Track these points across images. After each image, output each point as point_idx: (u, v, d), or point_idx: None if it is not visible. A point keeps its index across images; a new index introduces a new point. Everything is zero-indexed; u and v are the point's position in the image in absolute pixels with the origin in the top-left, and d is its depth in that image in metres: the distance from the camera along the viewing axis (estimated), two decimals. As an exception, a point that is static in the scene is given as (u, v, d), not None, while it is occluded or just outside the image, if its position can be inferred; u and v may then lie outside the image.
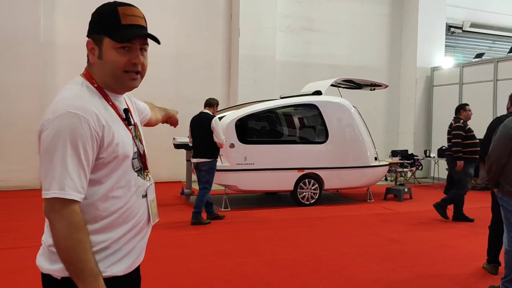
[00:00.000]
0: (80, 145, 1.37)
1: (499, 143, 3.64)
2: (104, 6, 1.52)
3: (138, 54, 1.51)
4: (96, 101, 1.48)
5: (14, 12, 9.11)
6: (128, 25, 1.48)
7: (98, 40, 1.51)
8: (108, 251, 1.49)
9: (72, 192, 1.36)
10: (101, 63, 1.52)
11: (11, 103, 9.18)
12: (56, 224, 1.36)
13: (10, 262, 4.69)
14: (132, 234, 1.56)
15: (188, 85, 10.92)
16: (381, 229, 6.50)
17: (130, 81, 1.54)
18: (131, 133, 1.59)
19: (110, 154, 1.46)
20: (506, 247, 3.75)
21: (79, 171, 1.37)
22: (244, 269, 4.64)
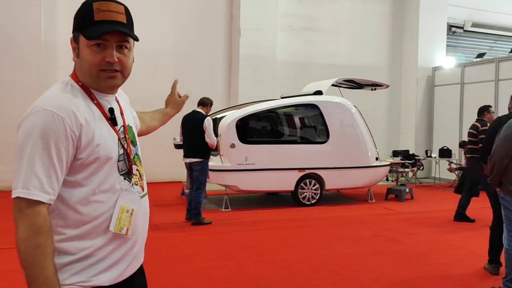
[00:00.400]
0: (52, 144, 1.31)
1: (503, 144, 3.65)
2: (83, 3, 1.44)
3: (112, 52, 1.42)
4: (78, 100, 1.42)
5: (15, 13, 9.12)
6: (100, 21, 1.39)
7: (76, 38, 1.45)
8: (92, 259, 1.42)
9: (38, 192, 1.29)
10: (79, 61, 1.46)
11: (12, 103, 9.17)
12: (18, 225, 1.30)
13: (10, 261, 4.68)
14: (118, 241, 1.48)
15: (188, 85, 10.82)
16: (382, 230, 6.49)
17: (108, 79, 1.45)
18: (117, 134, 1.50)
19: (90, 155, 1.39)
20: (506, 246, 3.78)
21: (48, 170, 1.31)
22: (245, 269, 4.63)
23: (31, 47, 9.30)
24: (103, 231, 1.44)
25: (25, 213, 1.30)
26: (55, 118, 1.33)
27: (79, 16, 1.43)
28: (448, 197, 9.77)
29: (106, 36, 1.40)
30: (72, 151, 1.36)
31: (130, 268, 1.55)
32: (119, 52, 1.45)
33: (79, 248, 1.40)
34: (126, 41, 1.46)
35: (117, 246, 1.48)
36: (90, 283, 1.42)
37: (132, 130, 1.63)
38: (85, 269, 1.41)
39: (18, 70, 9.17)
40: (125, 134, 1.55)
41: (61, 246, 1.39)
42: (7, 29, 9.08)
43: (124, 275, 1.52)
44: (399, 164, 10.34)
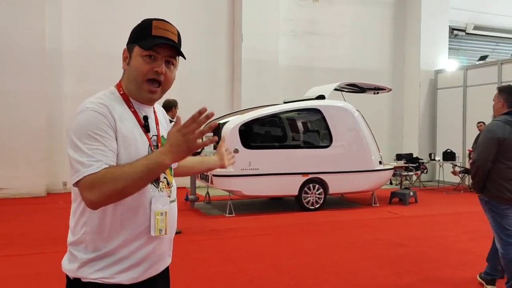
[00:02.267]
0: (98, 131, 1.45)
1: (484, 148, 3.75)
2: (143, 20, 1.63)
3: (161, 63, 1.57)
4: (115, 104, 1.56)
5: (20, 21, 9.19)
6: (157, 36, 1.56)
7: (131, 48, 1.60)
8: (115, 257, 1.53)
9: (99, 165, 1.40)
10: (128, 69, 1.61)
11: (18, 111, 9.24)
12: (105, 193, 1.38)
13: (18, 268, 4.71)
14: (141, 242, 1.57)
15: (191, 90, 10.95)
16: (387, 233, 6.48)
17: (148, 93, 1.59)
18: (149, 140, 1.61)
19: (124, 153, 1.51)
20: (501, 251, 3.80)
21: (99, 148, 1.43)
22: (249, 274, 4.64)
23: (35, 54, 9.36)
24: (129, 232, 1.55)
25: (98, 182, 1.38)
26: (96, 111, 1.48)
27: (138, 30, 1.61)
28: (452, 200, 9.74)
29: (158, 49, 1.56)
30: (114, 137, 1.49)
31: (151, 270, 1.63)
32: (166, 66, 1.60)
33: (103, 245, 1.53)
34: (173, 58, 1.61)
35: (140, 246, 1.57)
36: (112, 280, 1.53)
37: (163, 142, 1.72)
38: (109, 266, 1.53)
39: (22, 78, 9.23)
40: (157, 142, 1.66)
41: (88, 240, 1.53)
42: (11, 36, 9.15)
43: (145, 276, 1.61)
44: (402, 167, 10.32)
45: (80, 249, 1.55)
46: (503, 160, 3.73)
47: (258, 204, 9.01)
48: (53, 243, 5.51)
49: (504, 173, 3.72)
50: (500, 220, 3.78)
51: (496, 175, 3.73)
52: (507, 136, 3.69)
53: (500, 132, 3.70)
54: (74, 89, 9.88)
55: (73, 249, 1.57)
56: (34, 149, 9.26)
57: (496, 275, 4.13)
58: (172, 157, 1.40)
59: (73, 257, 1.56)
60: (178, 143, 1.39)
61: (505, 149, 3.71)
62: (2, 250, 5.30)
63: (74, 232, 1.58)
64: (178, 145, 1.39)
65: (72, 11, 10.01)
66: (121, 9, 10.02)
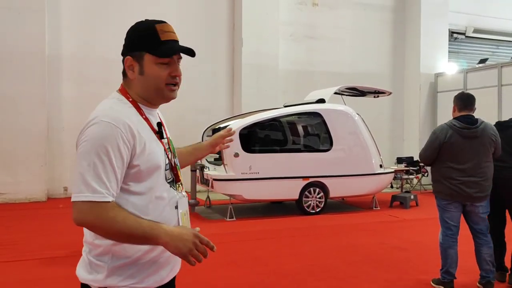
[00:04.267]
0: (110, 151, 1.44)
1: (428, 148, 4.30)
2: (141, 25, 1.61)
3: (177, 67, 1.61)
4: (130, 114, 1.56)
5: (19, 26, 9.21)
6: (166, 41, 1.58)
7: (139, 57, 1.58)
8: (143, 261, 1.55)
9: (105, 194, 1.42)
10: (142, 78, 1.59)
11: (17, 115, 9.24)
12: (96, 225, 1.43)
13: (18, 273, 4.69)
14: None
15: (191, 94, 10.95)
16: (387, 237, 6.47)
17: (171, 92, 1.62)
18: (164, 146, 1.64)
19: (144, 163, 1.52)
20: (440, 241, 4.24)
21: (109, 174, 1.44)
22: (250, 278, 4.63)
23: (35, 59, 9.37)
24: None
25: (95, 212, 1.41)
26: (112, 128, 1.46)
27: (143, 38, 1.58)
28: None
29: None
30: (127, 158, 1.49)
31: (172, 272, 1.68)
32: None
33: (133, 251, 1.53)
34: (181, 57, 1.65)
35: (163, 249, 1.56)
36: (141, 285, 1.55)
37: (172, 143, 1.76)
38: (138, 271, 1.54)
39: (22, 83, 9.24)
40: (168, 145, 1.70)
41: (116, 250, 1.52)
42: (11, 41, 9.17)
43: (167, 278, 1.65)
44: (403, 171, 10.31)
45: (107, 259, 1.53)
46: (444, 160, 4.13)
47: (259, 208, 9.00)
48: (54, 248, 5.49)
49: (445, 172, 4.12)
50: (442, 214, 4.21)
51: (438, 174, 4.19)
52: (448, 140, 4.08)
53: (442, 135, 4.13)
54: (74, 93, 9.90)
55: (98, 259, 1.54)
56: (34, 154, 9.26)
57: (488, 276, 4.20)
58: (167, 244, 1.44)
59: (98, 267, 1.53)
60: (185, 243, 1.44)
61: (446, 150, 4.11)
62: (2, 256, 5.28)
63: (95, 242, 1.54)
64: (182, 244, 1.44)
65: (72, 16, 10.03)
66: (120, 14, 10.03)
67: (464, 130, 4.07)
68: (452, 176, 4.07)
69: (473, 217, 4.18)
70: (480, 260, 4.21)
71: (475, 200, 4.08)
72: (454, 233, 4.16)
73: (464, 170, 4.03)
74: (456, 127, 4.10)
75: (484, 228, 4.19)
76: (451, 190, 4.08)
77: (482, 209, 4.14)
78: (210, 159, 8.60)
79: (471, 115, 4.21)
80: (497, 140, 4.16)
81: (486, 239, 4.18)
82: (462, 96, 4.29)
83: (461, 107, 4.24)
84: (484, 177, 4.07)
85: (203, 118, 10.46)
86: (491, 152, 4.13)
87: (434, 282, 4.34)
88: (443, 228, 4.22)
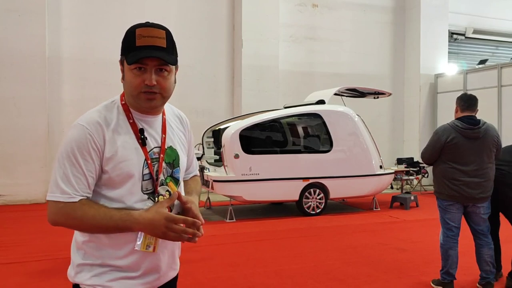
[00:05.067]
0: (78, 153, 1.46)
1: (430, 148, 4.28)
2: (128, 29, 1.56)
3: (150, 76, 1.50)
4: (112, 117, 1.54)
5: (20, 27, 9.23)
6: (141, 47, 1.49)
7: (122, 61, 1.57)
8: (110, 267, 1.54)
9: (73, 194, 1.46)
10: (124, 83, 1.58)
11: (17, 117, 9.25)
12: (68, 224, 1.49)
13: (17, 276, 4.70)
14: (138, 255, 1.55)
15: (191, 96, 10.97)
16: (388, 238, 6.46)
17: (147, 101, 1.53)
18: (145, 154, 1.55)
19: (114, 171, 1.50)
20: (441, 241, 4.24)
21: (76, 175, 1.46)
22: (250, 279, 4.63)
23: (35, 61, 9.38)
24: (126, 243, 1.54)
25: (64, 212, 1.47)
26: (84, 131, 1.49)
27: (124, 41, 1.55)
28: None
29: (145, 60, 1.50)
30: (98, 161, 1.50)
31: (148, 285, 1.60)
32: (158, 75, 1.52)
33: (102, 255, 1.53)
34: (165, 64, 1.53)
35: (139, 259, 1.56)
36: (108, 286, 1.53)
37: (174, 152, 1.66)
38: (104, 273, 1.53)
39: (22, 85, 9.25)
40: (159, 154, 1.60)
41: (87, 248, 1.54)
42: (11, 43, 9.18)
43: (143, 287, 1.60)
44: (403, 171, 10.31)
45: (80, 255, 1.56)
46: (446, 161, 4.13)
47: (259, 209, 9.00)
48: (53, 250, 5.49)
49: (447, 172, 4.12)
50: (443, 215, 4.21)
51: (440, 174, 4.18)
52: (450, 141, 4.07)
53: (445, 136, 4.11)
54: (74, 95, 9.91)
55: (74, 254, 1.59)
56: (34, 155, 9.26)
57: (489, 277, 4.21)
58: (142, 230, 1.48)
59: (73, 262, 1.59)
60: (157, 227, 1.45)
61: (448, 151, 4.10)
62: (2, 257, 5.29)
63: (76, 239, 1.60)
64: (155, 228, 1.45)
65: (72, 18, 10.05)
66: (120, 16, 10.05)
67: (467, 131, 4.07)
68: (454, 177, 4.07)
69: (474, 217, 4.19)
70: (480, 260, 4.22)
71: (477, 201, 4.09)
72: (455, 234, 4.17)
73: (467, 171, 4.04)
74: (458, 127, 4.10)
75: (485, 228, 4.20)
76: (453, 191, 4.08)
77: (484, 210, 4.15)
78: (210, 160, 8.60)
79: (473, 116, 4.21)
80: (499, 141, 4.17)
81: (487, 240, 4.19)
82: (465, 97, 4.28)
83: (464, 108, 4.22)
84: (486, 178, 4.07)
85: (203, 119, 10.46)
86: (493, 153, 4.13)
87: (434, 283, 4.35)
88: (443, 229, 4.24)
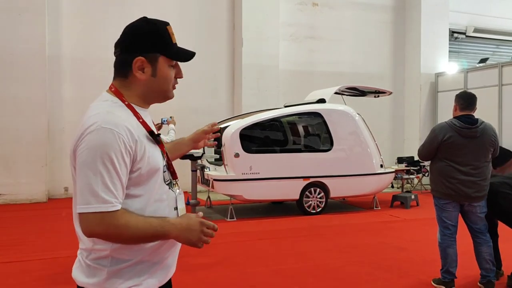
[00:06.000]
0: (114, 159, 1.41)
1: (426, 145, 4.24)
2: (151, 25, 1.57)
3: (181, 69, 1.65)
4: (129, 118, 1.53)
5: (20, 27, 9.22)
6: (176, 44, 1.61)
7: (152, 58, 1.55)
8: (144, 264, 1.54)
9: (114, 203, 1.42)
10: (153, 80, 1.57)
11: (17, 116, 9.25)
12: (108, 234, 1.43)
13: (19, 274, 4.70)
14: (166, 246, 1.59)
15: (192, 95, 10.96)
16: (388, 237, 6.46)
17: (173, 93, 1.67)
18: (161, 147, 1.63)
19: (145, 166, 1.51)
20: (438, 240, 4.24)
21: (115, 183, 1.42)
22: (251, 279, 4.63)
23: (35, 60, 9.38)
24: None
25: (106, 222, 1.41)
26: (115, 135, 1.43)
27: (156, 40, 1.56)
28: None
29: None
30: (130, 164, 1.48)
31: (171, 271, 1.68)
32: None
33: (133, 254, 1.52)
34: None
35: (165, 249, 1.59)
36: (140, 287, 1.54)
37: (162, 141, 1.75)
38: (138, 273, 1.53)
39: (23, 84, 9.25)
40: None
41: (115, 254, 1.50)
42: (11, 42, 9.18)
43: (167, 278, 1.66)
44: (404, 170, 10.31)
45: (106, 262, 1.50)
46: (443, 159, 4.12)
47: (260, 208, 9.00)
48: (55, 249, 5.49)
49: (444, 170, 4.10)
50: (440, 213, 4.22)
51: (437, 172, 4.17)
52: (447, 139, 4.05)
53: (442, 134, 4.09)
54: (74, 94, 9.90)
55: (96, 263, 1.51)
56: (34, 155, 9.27)
57: (489, 275, 4.21)
58: (177, 236, 1.50)
59: (96, 270, 1.51)
60: (193, 233, 1.52)
61: (445, 149, 4.09)
62: (3, 256, 5.29)
63: (95, 247, 1.51)
64: (191, 233, 1.52)
65: (72, 17, 10.04)
66: (120, 15, 10.04)
67: (464, 130, 4.07)
68: (451, 175, 4.07)
69: (471, 216, 4.20)
70: (480, 259, 4.22)
71: (473, 200, 4.09)
72: (453, 233, 4.18)
73: (463, 170, 4.04)
74: (456, 126, 4.10)
75: (483, 227, 4.20)
76: (449, 190, 4.08)
77: (480, 209, 4.16)
78: (210, 160, 8.60)
79: (471, 115, 4.20)
80: (497, 141, 4.17)
81: (485, 238, 4.19)
82: (465, 96, 4.26)
83: (463, 107, 4.21)
84: (482, 177, 4.08)
85: (203, 118, 10.41)
86: (490, 153, 4.14)
87: (435, 282, 4.35)
88: (441, 227, 4.24)
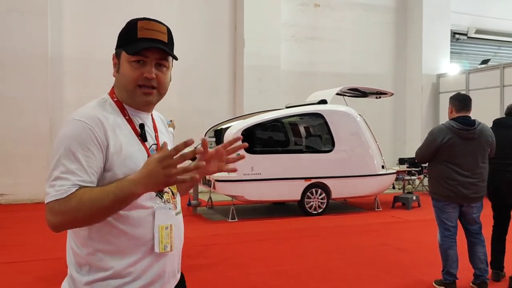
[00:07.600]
0: (79, 149, 1.34)
1: (424, 148, 4.28)
2: (128, 21, 1.50)
3: (150, 68, 1.46)
4: (108, 113, 1.45)
5: (22, 27, 9.25)
6: (143, 39, 1.44)
7: (119, 54, 1.50)
8: (125, 279, 1.42)
9: (66, 189, 1.30)
10: (119, 77, 1.51)
11: (19, 117, 9.27)
12: (68, 220, 1.31)
13: (19, 275, 4.70)
14: (150, 260, 1.46)
15: (193, 96, 10.98)
16: (390, 238, 6.45)
17: (143, 95, 1.48)
18: (147, 151, 1.50)
19: (119, 167, 1.40)
20: (439, 241, 4.26)
21: (74, 171, 1.32)
22: (252, 279, 4.62)
23: (37, 61, 9.40)
24: (136, 248, 1.44)
25: (62, 208, 1.29)
26: (83, 126, 1.37)
27: (124, 34, 1.49)
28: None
29: (146, 52, 1.45)
30: (101, 158, 1.38)
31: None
32: (158, 69, 1.48)
33: (112, 265, 1.41)
34: (165, 59, 1.50)
35: (149, 264, 1.46)
36: None
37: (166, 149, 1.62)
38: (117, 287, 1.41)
39: (25, 85, 9.27)
40: (156, 151, 1.54)
41: (94, 262, 1.41)
42: (14, 43, 9.20)
43: None
44: (405, 171, 10.29)
45: (84, 272, 1.42)
46: (442, 161, 4.13)
47: (261, 209, 8.99)
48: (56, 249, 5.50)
49: (443, 172, 4.12)
50: (440, 215, 4.24)
51: (436, 174, 4.19)
52: (446, 141, 4.06)
53: (441, 136, 4.10)
54: (76, 95, 9.91)
55: (75, 272, 1.43)
56: (36, 155, 9.28)
57: (483, 275, 4.22)
58: (145, 188, 1.29)
59: (73, 281, 1.43)
60: (156, 174, 1.25)
61: (444, 151, 4.10)
62: (5, 256, 5.30)
63: (75, 252, 1.44)
64: (154, 177, 1.26)
65: (74, 18, 10.06)
66: (122, 16, 10.01)
67: (463, 131, 4.08)
68: (450, 176, 4.08)
69: (467, 218, 4.22)
70: (474, 259, 4.23)
71: (471, 201, 4.11)
72: (453, 234, 4.19)
73: (462, 171, 4.06)
74: (454, 128, 4.10)
75: (478, 228, 4.24)
76: (448, 191, 4.09)
77: (477, 210, 4.19)
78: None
79: (468, 116, 4.21)
80: (494, 142, 4.19)
81: (480, 238, 4.22)
82: (460, 98, 4.26)
83: (459, 108, 4.20)
84: (480, 178, 4.10)
85: (205, 119, 10.46)
86: (487, 153, 4.16)
87: (436, 283, 4.34)
88: (441, 229, 4.25)
